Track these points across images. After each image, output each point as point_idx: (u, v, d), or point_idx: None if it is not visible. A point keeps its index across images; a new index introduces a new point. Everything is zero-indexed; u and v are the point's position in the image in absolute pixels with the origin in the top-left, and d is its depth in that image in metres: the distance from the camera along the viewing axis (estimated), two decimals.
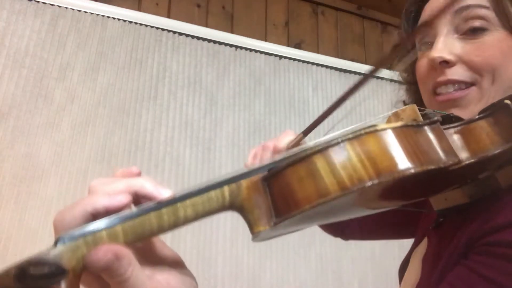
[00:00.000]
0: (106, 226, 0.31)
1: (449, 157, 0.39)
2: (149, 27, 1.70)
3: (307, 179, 0.34)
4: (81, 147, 1.48)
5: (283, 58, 1.93)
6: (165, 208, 0.33)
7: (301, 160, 0.34)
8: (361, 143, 0.34)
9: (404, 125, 0.37)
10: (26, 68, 1.48)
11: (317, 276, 1.70)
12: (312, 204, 0.33)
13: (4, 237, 1.30)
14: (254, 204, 0.35)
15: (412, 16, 0.64)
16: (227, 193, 0.35)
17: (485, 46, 0.51)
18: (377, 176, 0.33)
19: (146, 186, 0.36)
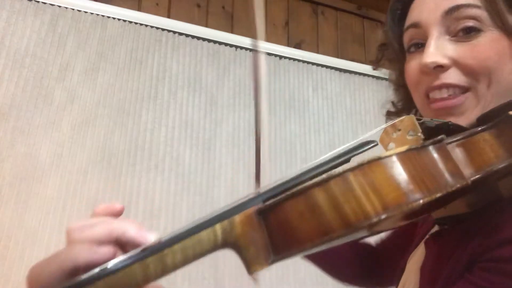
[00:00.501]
0: (88, 282, 0.28)
1: (457, 180, 0.36)
2: (149, 27, 1.70)
3: (307, 215, 0.31)
4: (81, 147, 1.48)
5: (283, 58, 1.93)
6: (150, 257, 0.30)
7: (301, 193, 0.31)
8: (365, 173, 0.31)
9: (409, 149, 0.34)
10: (26, 68, 1.48)
11: (317, 276, 1.70)
12: (314, 243, 0.31)
13: (4, 237, 1.30)
14: (249, 240, 0.32)
15: (398, 13, 0.60)
16: (219, 232, 0.32)
17: (479, 47, 0.49)
18: (384, 210, 0.30)
19: (129, 231, 0.32)
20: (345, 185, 0.31)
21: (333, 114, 1.95)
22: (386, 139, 0.48)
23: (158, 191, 1.53)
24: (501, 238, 0.41)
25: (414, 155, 0.35)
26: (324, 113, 1.93)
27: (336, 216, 0.30)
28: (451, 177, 0.36)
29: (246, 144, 1.74)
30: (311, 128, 1.88)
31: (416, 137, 0.45)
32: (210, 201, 1.60)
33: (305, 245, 0.31)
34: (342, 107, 1.98)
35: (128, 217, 1.45)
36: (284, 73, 1.91)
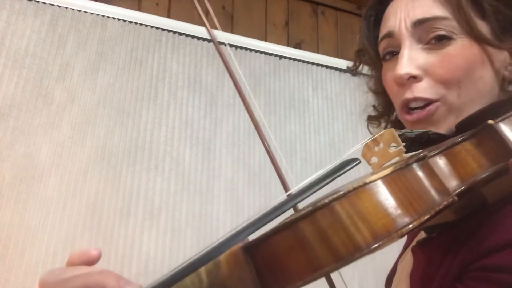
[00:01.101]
0: None
1: (443, 197, 0.36)
2: (149, 27, 1.70)
3: (295, 249, 0.30)
4: (81, 147, 1.48)
5: (283, 58, 1.93)
6: None
7: (287, 227, 0.30)
8: (351, 202, 0.30)
9: (393, 171, 0.34)
10: (26, 68, 1.48)
11: None
12: (305, 280, 0.29)
13: (4, 237, 1.30)
14: (237, 280, 0.31)
15: (372, 20, 0.62)
16: (204, 276, 0.30)
17: (449, 57, 0.50)
18: (374, 239, 0.30)
19: (108, 285, 0.30)
20: (332, 216, 0.30)
21: (333, 114, 1.95)
22: (368, 154, 0.48)
23: (158, 191, 1.53)
24: (490, 246, 0.41)
25: (399, 176, 0.34)
26: (324, 113, 1.93)
27: (325, 249, 0.29)
28: (437, 195, 0.36)
29: (246, 144, 1.74)
30: (311, 128, 1.88)
31: (398, 149, 0.45)
32: (210, 201, 1.60)
33: (295, 283, 0.29)
34: (342, 107, 1.98)
35: (128, 217, 1.45)
36: (284, 73, 1.91)
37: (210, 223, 1.56)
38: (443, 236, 0.49)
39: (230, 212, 1.61)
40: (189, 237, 1.52)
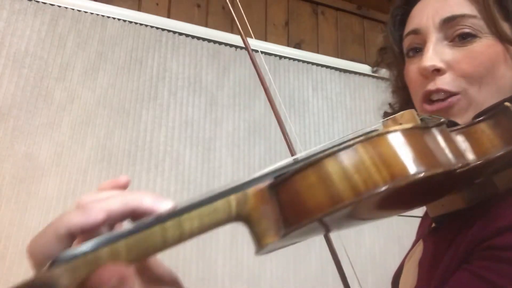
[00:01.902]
0: (107, 242, 0.28)
1: (458, 160, 0.38)
2: (149, 27, 1.70)
3: (318, 186, 0.32)
4: (81, 147, 1.48)
5: (283, 58, 1.93)
6: (169, 221, 0.30)
7: (311, 165, 0.33)
8: (374, 145, 0.33)
9: (414, 126, 0.37)
10: (26, 68, 1.48)
11: (317, 276, 1.70)
12: (324, 212, 0.31)
13: (4, 237, 1.30)
14: (261, 214, 0.33)
15: (398, 19, 0.64)
16: (233, 203, 0.32)
17: (474, 53, 0.52)
18: (392, 180, 0.32)
19: (145, 201, 0.32)
20: (355, 156, 0.32)
21: (333, 114, 1.95)
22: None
23: (158, 191, 1.53)
24: (499, 227, 0.42)
25: (418, 133, 0.37)
26: (324, 113, 1.93)
27: (346, 185, 0.32)
28: (453, 157, 0.38)
29: (246, 144, 1.74)
30: (311, 128, 1.88)
31: None
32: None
33: (315, 216, 0.32)
34: (342, 107, 1.98)
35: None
36: (284, 73, 1.91)
37: None
38: (452, 222, 0.51)
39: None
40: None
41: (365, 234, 1.83)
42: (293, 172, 0.33)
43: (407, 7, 0.62)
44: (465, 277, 0.42)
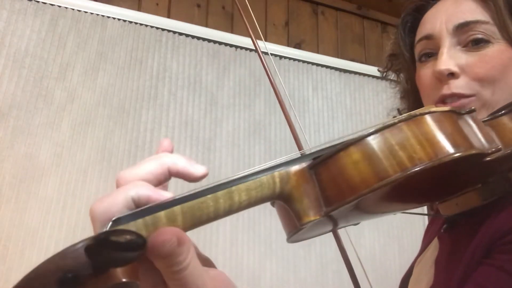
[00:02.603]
0: (165, 206, 0.29)
1: (491, 144, 0.40)
2: (149, 27, 1.70)
3: (363, 162, 0.33)
4: (81, 147, 1.48)
5: (283, 58, 1.93)
6: (220, 192, 0.32)
7: (355, 143, 0.34)
8: (417, 124, 0.34)
9: (450, 110, 0.38)
10: (26, 68, 1.48)
11: (317, 276, 1.70)
12: (370, 188, 0.32)
13: (4, 237, 1.30)
14: (303, 192, 0.34)
15: (408, 26, 0.66)
16: (277, 179, 0.34)
17: (487, 58, 0.53)
18: (436, 156, 0.33)
19: (179, 162, 0.34)
20: (400, 133, 0.34)
21: (333, 114, 1.95)
22: None
23: None
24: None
25: (454, 116, 0.38)
26: (324, 113, 1.93)
27: (393, 161, 0.32)
28: (485, 141, 0.40)
29: (246, 144, 1.74)
30: (311, 128, 1.88)
31: None
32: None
33: (361, 192, 0.32)
34: (342, 107, 1.98)
35: None
36: (284, 73, 1.91)
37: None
38: (469, 220, 0.51)
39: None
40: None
41: (365, 234, 1.83)
42: (335, 151, 0.34)
43: (417, 14, 0.63)
44: (488, 271, 0.43)
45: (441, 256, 0.55)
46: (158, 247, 0.27)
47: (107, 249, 0.24)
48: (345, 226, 0.50)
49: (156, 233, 0.27)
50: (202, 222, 0.32)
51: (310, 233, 0.40)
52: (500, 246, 0.43)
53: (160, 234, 0.27)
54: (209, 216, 0.32)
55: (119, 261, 0.26)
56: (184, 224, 0.30)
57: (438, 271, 0.54)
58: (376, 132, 0.34)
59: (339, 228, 0.49)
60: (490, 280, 0.42)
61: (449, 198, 0.52)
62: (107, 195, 0.30)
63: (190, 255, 0.28)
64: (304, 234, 0.38)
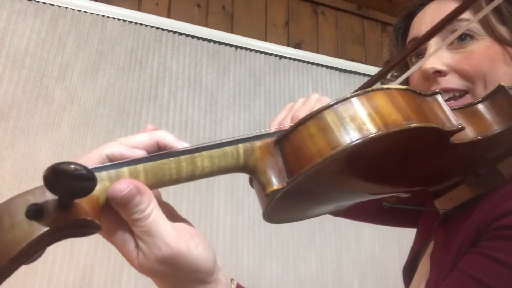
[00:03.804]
0: (128, 164, 0.33)
1: (452, 123, 0.40)
2: (149, 27, 1.70)
3: (318, 134, 0.35)
4: (81, 147, 1.48)
5: (283, 58, 1.93)
6: (184, 156, 0.34)
7: (311, 117, 0.35)
8: (369, 98, 0.36)
9: (408, 88, 0.39)
10: (26, 68, 1.48)
11: (317, 276, 1.70)
12: (324, 157, 0.34)
13: None
14: (266, 164, 0.36)
15: (400, 32, 0.68)
16: (241, 151, 0.36)
17: (473, 54, 0.54)
18: (385, 127, 0.34)
19: (167, 137, 0.37)
20: (351, 107, 0.35)
21: None
22: None
23: None
24: (504, 209, 0.43)
25: (412, 94, 0.39)
26: None
27: (343, 132, 0.34)
28: (446, 120, 0.40)
29: None
30: None
31: None
32: (210, 201, 1.60)
33: (316, 161, 0.34)
34: None
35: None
36: (284, 73, 1.91)
37: (210, 223, 1.56)
38: (460, 212, 0.52)
39: (230, 212, 1.61)
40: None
41: (365, 234, 1.83)
42: (295, 126, 0.36)
43: (408, 20, 0.65)
44: (473, 259, 0.43)
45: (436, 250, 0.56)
46: (116, 193, 0.31)
47: (59, 176, 0.26)
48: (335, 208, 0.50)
49: (115, 182, 0.31)
50: (165, 182, 0.34)
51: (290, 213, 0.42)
52: (485, 233, 0.44)
53: (119, 182, 0.31)
54: (171, 177, 0.34)
55: (74, 191, 0.28)
56: (146, 180, 0.33)
57: (433, 264, 0.55)
58: (331, 106, 0.35)
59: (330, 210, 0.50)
60: (474, 266, 0.42)
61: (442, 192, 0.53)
62: (87, 154, 0.34)
63: (152, 205, 0.32)
64: (281, 212, 0.40)
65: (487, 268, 0.41)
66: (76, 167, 0.27)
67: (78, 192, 0.28)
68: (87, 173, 0.28)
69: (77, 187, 0.28)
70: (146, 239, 0.32)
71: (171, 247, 0.33)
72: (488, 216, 0.44)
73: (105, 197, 0.31)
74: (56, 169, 0.26)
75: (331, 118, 0.35)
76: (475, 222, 0.46)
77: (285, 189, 0.35)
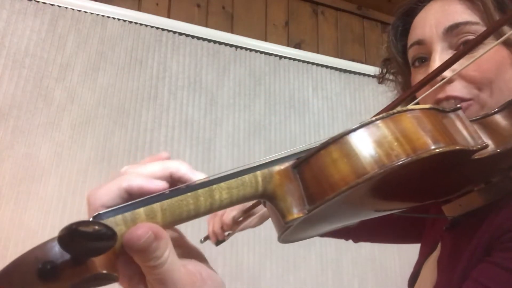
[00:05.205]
0: (144, 203, 0.31)
1: (476, 141, 0.39)
2: (149, 27, 1.70)
3: (341, 160, 0.33)
4: (81, 147, 1.48)
5: (283, 58, 1.93)
6: (201, 190, 0.33)
7: (334, 142, 0.34)
8: (394, 121, 0.35)
9: (432, 107, 0.38)
10: (26, 68, 1.48)
11: (317, 276, 1.70)
12: (349, 185, 0.32)
13: (4, 237, 1.30)
14: (286, 191, 0.35)
15: (399, 30, 0.65)
16: (260, 178, 0.34)
17: (480, 60, 0.51)
18: (414, 152, 0.33)
19: (182, 168, 0.35)
20: (377, 131, 0.34)
21: (333, 114, 1.95)
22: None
23: None
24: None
25: (436, 113, 0.38)
26: (324, 113, 1.93)
27: (370, 159, 0.33)
28: (470, 138, 0.39)
29: (246, 144, 1.74)
30: (311, 128, 1.88)
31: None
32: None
33: (340, 189, 0.32)
34: (342, 107, 1.98)
35: None
36: (284, 73, 1.91)
37: None
38: (470, 218, 0.51)
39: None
40: (189, 237, 1.52)
41: None
42: (316, 150, 0.34)
43: (408, 18, 0.62)
44: (487, 269, 0.43)
45: (443, 256, 0.55)
46: (134, 240, 0.28)
47: (78, 238, 0.25)
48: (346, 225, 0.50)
49: (133, 227, 0.29)
50: (183, 219, 0.33)
51: (304, 233, 0.40)
52: (499, 244, 0.43)
53: (136, 228, 0.29)
54: (189, 213, 0.33)
55: (92, 250, 0.27)
56: (164, 220, 0.31)
57: (440, 270, 0.54)
58: (354, 131, 0.34)
59: (338, 227, 0.49)
60: (488, 277, 0.42)
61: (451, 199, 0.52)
62: (103, 184, 0.32)
63: (168, 251, 0.30)
64: (296, 233, 0.38)
65: (501, 279, 0.41)
66: (95, 229, 0.25)
67: (96, 251, 0.27)
68: (107, 231, 0.26)
69: (96, 247, 0.26)
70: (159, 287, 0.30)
71: None
72: (502, 226, 0.44)
73: (121, 243, 0.29)
74: (73, 230, 0.25)
75: (356, 143, 0.33)
76: (488, 231, 0.45)
77: (305, 216, 0.34)
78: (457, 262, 0.48)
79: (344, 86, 2.02)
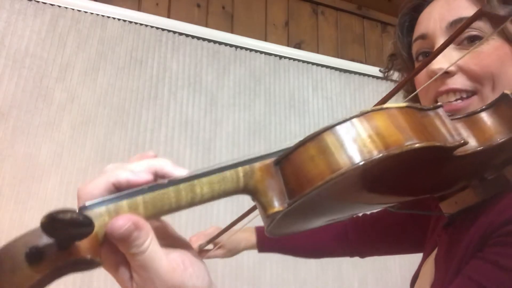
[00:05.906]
0: (127, 196, 0.33)
1: (455, 138, 0.40)
2: (149, 27, 1.70)
3: (318, 157, 0.34)
4: (81, 147, 1.48)
5: (283, 58, 1.93)
6: (182, 184, 0.35)
7: (311, 139, 0.35)
8: (368, 119, 0.35)
9: (409, 106, 0.38)
10: (26, 68, 1.48)
11: (317, 276, 1.70)
12: (324, 180, 0.33)
13: (4, 237, 1.30)
14: (267, 186, 0.36)
15: (406, 25, 0.65)
16: (241, 174, 0.36)
17: (482, 54, 0.52)
18: (386, 149, 0.34)
19: (166, 166, 0.37)
20: (351, 128, 0.35)
21: (333, 114, 1.95)
22: None
23: None
24: (510, 215, 0.43)
25: (413, 111, 0.39)
26: (324, 113, 1.93)
27: (343, 155, 0.34)
28: (449, 135, 0.40)
29: (246, 144, 1.74)
30: (311, 128, 1.88)
31: None
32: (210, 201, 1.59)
33: (316, 184, 0.34)
34: (342, 107, 1.98)
35: None
36: (284, 73, 1.91)
37: (210, 224, 1.56)
38: (465, 215, 0.51)
39: (230, 212, 1.61)
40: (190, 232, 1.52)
41: None
42: (295, 147, 0.36)
43: (414, 13, 0.62)
44: (478, 264, 0.43)
45: (440, 253, 0.55)
46: (114, 229, 0.31)
47: (57, 224, 0.27)
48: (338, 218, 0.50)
49: (114, 218, 0.32)
50: (165, 211, 0.34)
51: (292, 226, 0.41)
52: (491, 239, 0.44)
53: (117, 219, 0.31)
54: (171, 206, 0.34)
55: (72, 236, 0.29)
56: (146, 212, 0.33)
57: (437, 268, 0.54)
58: (330, 128, 0.35)
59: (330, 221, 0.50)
60: (479, 272, 0.42)
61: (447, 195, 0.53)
62: (92, 179, 0.34)
63: (149, 240, 0.32)
64: (283, 227, 0.39)
65: (492, 274, 0.41)
66: (72, 216, 0.28)
67: (76, 237, 0.29)
68: (84, 219, 0.29)
69: (75, 233, 0.29)
70: (141, 274, 0.33)
71: (165, 282, 0.33)
72: (494, 222, 0.44)
73: (104, 232, 0.32)
74: (52, 217, 0.27)
75: (331, 140, 0.34)
76: (481, 227, 0.46)
77: (286, 210, 0.35)
78: (452, 259, 0.49)
79: (344, 86, 2.02)
